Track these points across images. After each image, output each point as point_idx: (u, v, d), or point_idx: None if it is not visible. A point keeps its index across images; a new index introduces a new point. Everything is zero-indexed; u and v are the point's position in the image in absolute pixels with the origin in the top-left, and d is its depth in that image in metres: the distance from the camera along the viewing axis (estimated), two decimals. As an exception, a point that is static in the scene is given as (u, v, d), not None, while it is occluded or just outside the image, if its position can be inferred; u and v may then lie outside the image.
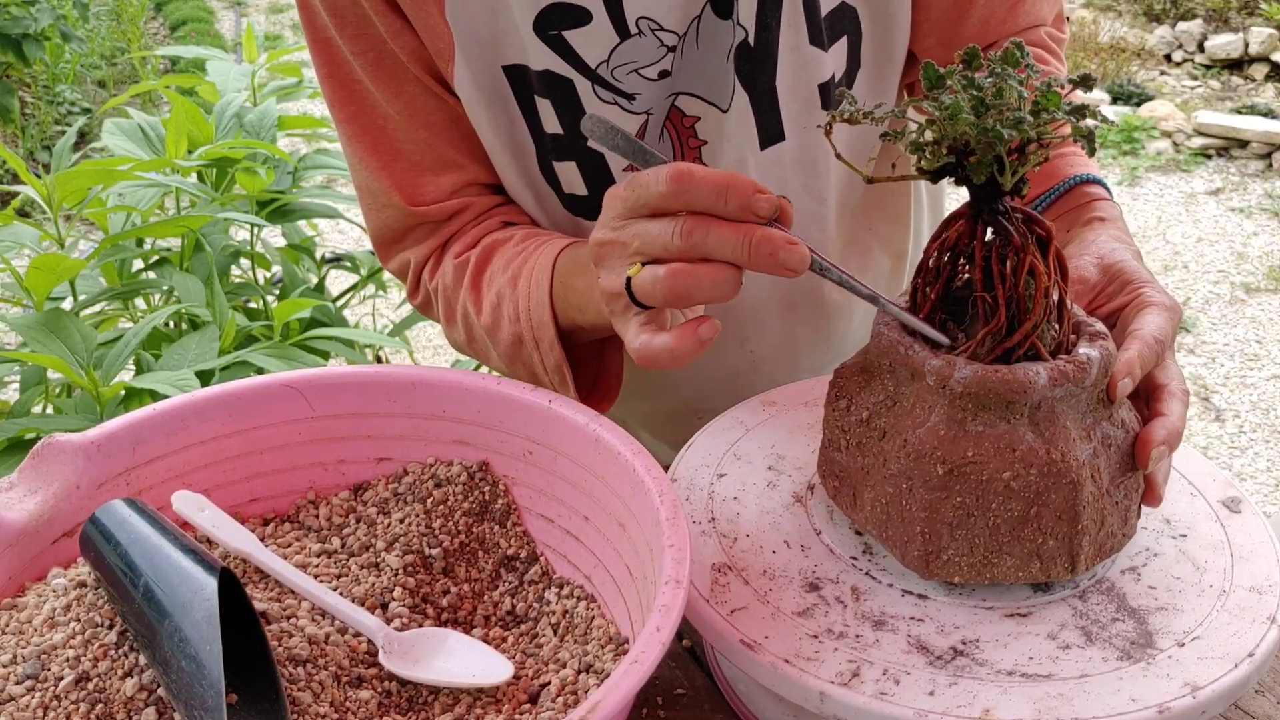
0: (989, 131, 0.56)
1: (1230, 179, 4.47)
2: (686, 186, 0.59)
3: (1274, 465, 2.83)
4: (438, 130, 0.82)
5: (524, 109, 0.81)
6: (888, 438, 0.62)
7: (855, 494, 0.65)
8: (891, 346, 0.62)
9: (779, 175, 0.85)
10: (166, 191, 1.77)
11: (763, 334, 0.93)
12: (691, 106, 0.81)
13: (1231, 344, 3.36)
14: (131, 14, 6.14)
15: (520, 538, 0.70)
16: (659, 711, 0.65)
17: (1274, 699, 0.66)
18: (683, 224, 0.59)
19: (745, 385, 0.95)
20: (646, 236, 0.61)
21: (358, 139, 0.83)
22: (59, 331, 1.42)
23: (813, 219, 0.89)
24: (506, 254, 0.81)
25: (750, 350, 0.94)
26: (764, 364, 0.95)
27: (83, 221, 1.86)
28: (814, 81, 0.81)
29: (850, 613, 0.62)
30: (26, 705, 0.54)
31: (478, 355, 0.87)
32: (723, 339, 0.90)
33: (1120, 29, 5.73)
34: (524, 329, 0.78)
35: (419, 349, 3.27)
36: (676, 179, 0.59)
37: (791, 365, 0.96)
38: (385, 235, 0.87)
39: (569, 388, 0.78)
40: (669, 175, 0.59)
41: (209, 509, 0.67)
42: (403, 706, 0.59)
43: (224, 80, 2.04)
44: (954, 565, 0.61)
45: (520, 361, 0.80)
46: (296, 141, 3.13)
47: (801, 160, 0.85)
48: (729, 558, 0.66)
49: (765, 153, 0.83)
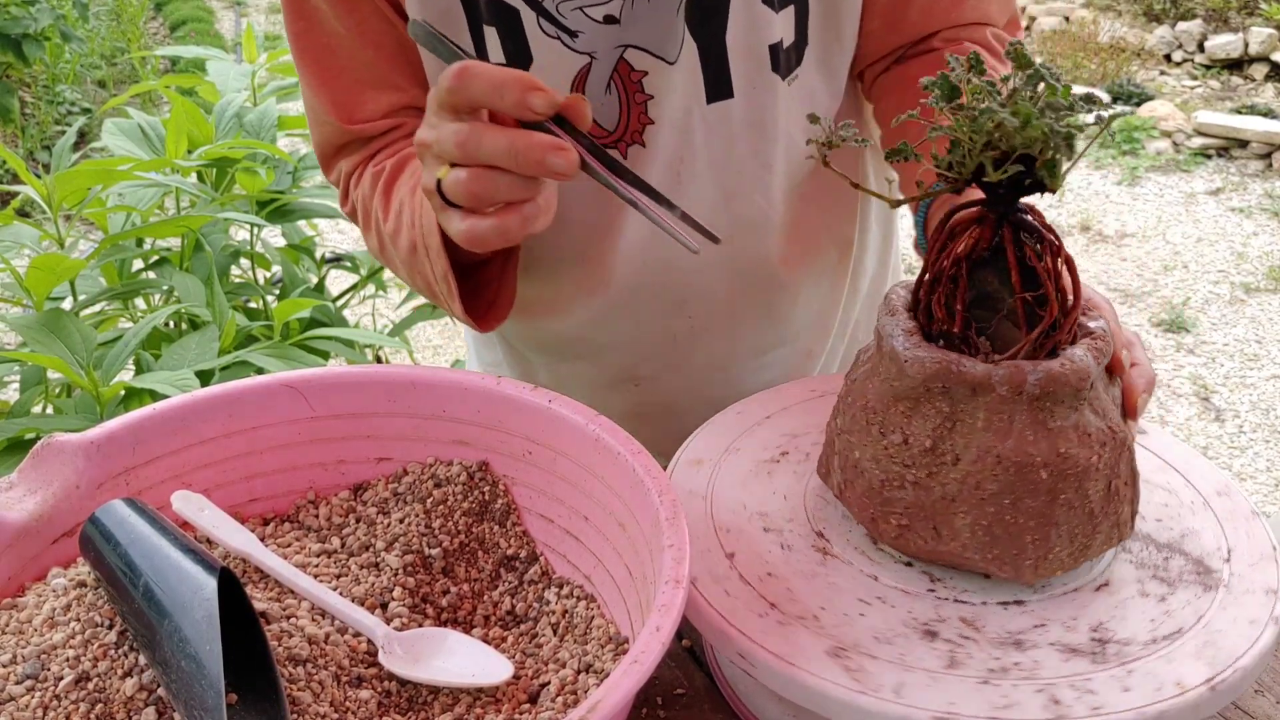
0: (1057, 133, 0.56)
1: (1230, 179, 4.47)
2: (467, 81, 0.63)
3: (1274, 465, 2.83)
4: (384, 52, 0.84)
5: (474, 36, 0.82)
6: (965, 461, 0.60)
7: (938, 527, 0.62)
8: (942, 370, 0.60)
9: (726, 133, 0.86)
10: (166, 191, 1.77)
11: (703, 299, 0.93)
12: (640, 60, 0.82)
13: (1231, 344, 3.36)
14: (131, 14, 6.14)
15: (520, 538, 0.70)
16: (659, 711, 0.65)
17: (1274, 699, 0.66)
18: (457, 134, 0.63)
19: (683, 354, 0.95)
20: (440, 140, 0.65)
21: (304, 55, 0.86)
22: (59, 331, 1.42)
23: (757, 185, 0.89)
24: (415, 165, 0.83)
25: (689, 316, 0.93)
26: (703, 333, 0.94)
27: (83, 221, 1.86)
28: (764, 41, 0.82)
29: (851, 612, 0.62)
30: (26, 705, 0.54)
31: (389, 264, 0.89)
32: (660, 301, 0.93)
33: (1120, 29, 5.73)
34: (417, 235, 0.80)
35: (419, 349, 3.28)
36: (457, 76, 0.63)
37: (731, 338, 0.96)
38: (325, 149, 0.91)
39: (454, 297, 0.80)
40: (452, 73, 0.63)
41: (209, 509, 0.67)
42: (402, 706, 0.59)
43: (224, 80, 2.05)
44: (1058, 561, 0.61)
45: (416, 270, 0.83)
46: (296, 141, 3.12)
47: (749, 121, 0.86)
48: (729, 557, 0.66)
49: (712, 107, 0.84)
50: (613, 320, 0.93)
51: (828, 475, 0.69)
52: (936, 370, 0.60)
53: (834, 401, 0.70)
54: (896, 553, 0.66)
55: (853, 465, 0.65)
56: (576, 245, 0.90)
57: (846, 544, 0.67)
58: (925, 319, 0.63)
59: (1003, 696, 0.56)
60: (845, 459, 0.65)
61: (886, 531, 0.64)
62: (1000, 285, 0.62)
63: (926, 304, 0.63)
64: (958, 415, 0.60)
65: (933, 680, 0.57)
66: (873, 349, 0.66)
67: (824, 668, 0.58)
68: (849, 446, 0.65)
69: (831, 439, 0.68)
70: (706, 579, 0.64)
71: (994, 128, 0.57)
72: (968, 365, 0.60)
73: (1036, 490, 0.60)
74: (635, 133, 0.84)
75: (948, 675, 0.57)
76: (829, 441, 0.69)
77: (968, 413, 0.60)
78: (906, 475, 0.62)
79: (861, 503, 0.65)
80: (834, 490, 0.68)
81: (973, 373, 0.59)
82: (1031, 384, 0.59)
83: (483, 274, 0.84)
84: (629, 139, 0.84)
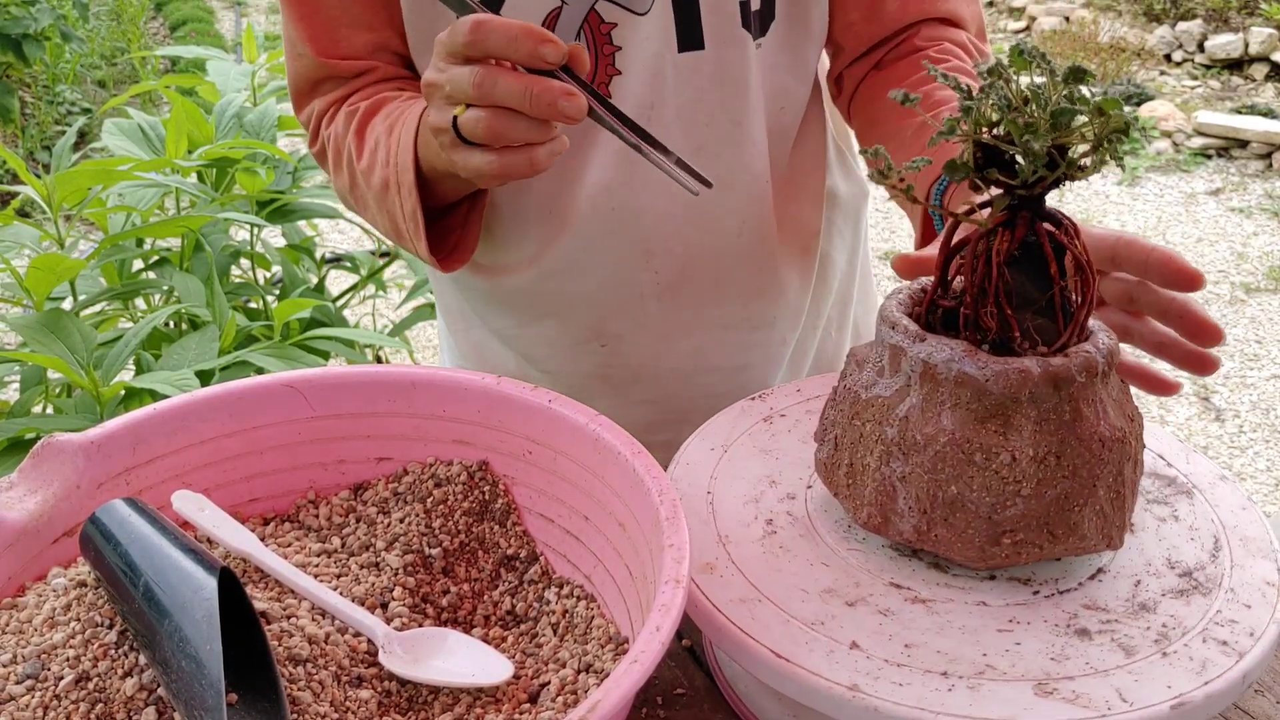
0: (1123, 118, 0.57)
1: (1230, 179, 4.47)
2: (484, 35, 0.67)
3: (1274, 465, 2.83)
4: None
5: None
6: (1068, 455, 0.60)
7: (1053, 529, 0.61)
8: (1027, 376, 0.59)
9: (697, 85, 0.87)
10: (166, 191, 1.77)
11: (668, 253, 0.93)
12: (610, 13, 0.83)
13: (1231, 344, 3.36)
14: (131, 14, 6.14)
15: (520, 537, 0.70)
16: (659, 711, 0.65)
17: (1274, 699, 0.66)
18: (474, 75, 0.68)
19: (650, 313, 0.95)
20: (455, 82, 0.69)
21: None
22: (59, 331, 1.42)
23: (726, 141, 0.89)
24: (391, 105, 0.87)
25: (655, 270, 0.93)
26: (668, 292, 0.94)
27: (83, 221, 1.86)
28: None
29: (852, 611, 0.62)
30: (26, 705, 0.54)
31: (358, 203, 0.91)
32: (627, 249, 0.93)
33: (1120, 29, 5.73)
34: (390, 173, 0.82)
35: (419, 349, 3.27)
36: (475, 28, 0.67)
37: (696, 304, 0.95)
38: (299, 84, 0.93)
39: (420, 236, 0.83)
40: (470, 24, 0.67)
41: (209, 509, 0.67)
42: (403, 706, 0.59)
43: (224, 80, 2.05)
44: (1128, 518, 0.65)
45: (385, 207, 0.85)
46: (296, 141, 3.13)
47: (719, 77, 0.87)
48: (729, 557, 0.66)
49: (683, 56, 0.85)
50: (578, 268, 0.93)
51: (885, 525, 0.64)
52: (1021, 379, 0.59)
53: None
54: (897, 551, 0.66)
55: (947, 503, 0.62)
56: (544, 189, 0.91)
57: (847, 543, 0.67)
58: (974, 332, 0.62)
59: (1003, 697, 0.56)
60: (932, 500, 0.62)
61: (997, 555, 0.62)
62: (1030, 282, 0.62)
63: (974, 317, 0.62)
64: (1045, 415, 0.60)
65: (934, 681, 0.57)
66: (887, 387, 0.64)
67: (824, 667, 0.58)
68: (936, 485, 0.61)
69: (888, 486, 0.63)
70: (706, 578, 0.64)
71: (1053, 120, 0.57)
72: (1052, 363, 0.60)
73: (1130, 457, 0.63)
74: (601, 84, 0.86)
75: (950, 676, 0.57)
76: (884, 490, 0.64)
77: (1054, 409, 0.60)
78: (1020, 490, 0.61)
79: (965, 538, 0.62)
80: (904, 536, 0.64)
81: (1055, 368, 0.60)
82: (1101, 363, 0.61)
83: (449, 219, 0.87)
84: (594, 88, 0.86)
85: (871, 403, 0.65)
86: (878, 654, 0.59)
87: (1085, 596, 0.63)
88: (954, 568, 0.65)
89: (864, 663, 0.58)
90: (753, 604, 0.62)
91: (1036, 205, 0.61)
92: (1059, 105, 0.57)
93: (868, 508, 0.65)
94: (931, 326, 0.65)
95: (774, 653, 0.58)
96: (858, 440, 0.65)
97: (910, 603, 0.63)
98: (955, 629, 0.61)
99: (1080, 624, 0.61)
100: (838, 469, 0.67)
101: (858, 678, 0.57)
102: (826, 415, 0.69)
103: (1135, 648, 0.59)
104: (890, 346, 0.64)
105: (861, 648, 0.59)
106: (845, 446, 0.66)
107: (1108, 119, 0.56)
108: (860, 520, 0.66)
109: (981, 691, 0.56)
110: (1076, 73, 0.57)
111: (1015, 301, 0.62)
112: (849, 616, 0.61)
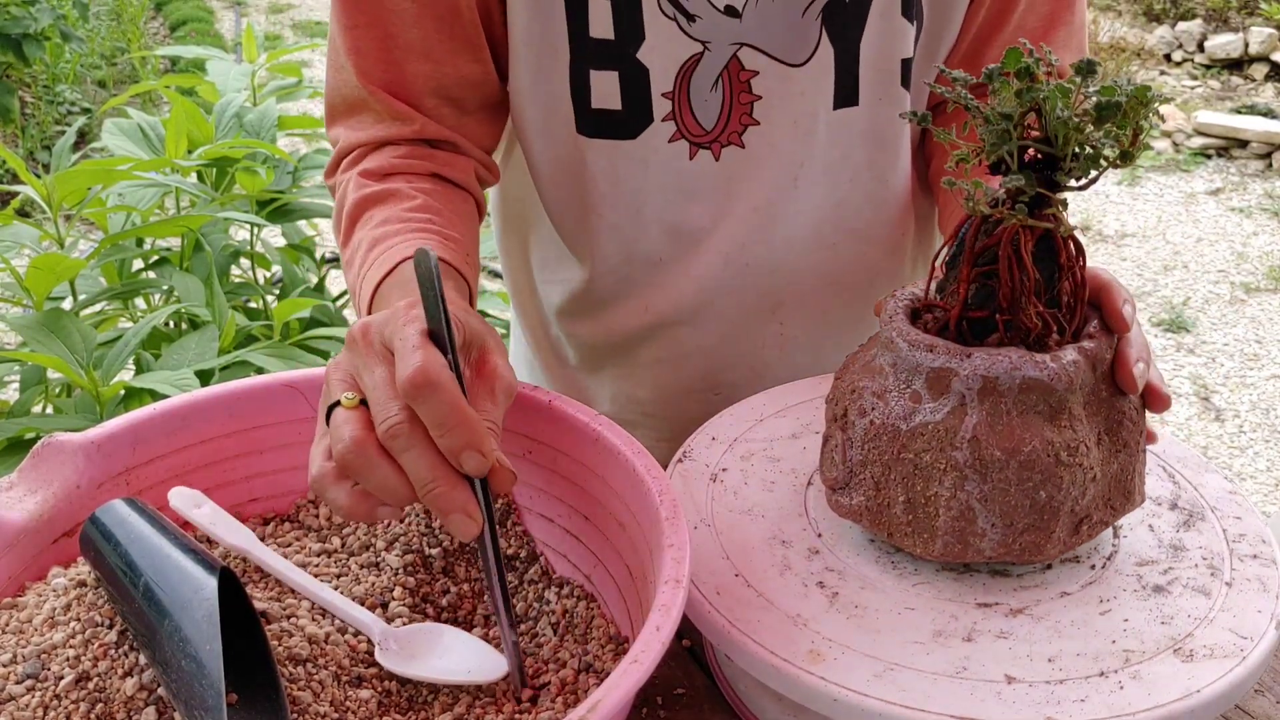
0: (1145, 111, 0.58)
1: (1230, 179, 4.47)
2: (426, 396, 0.55)
3: (1274, 465, 2.83)
4: (442, 22, 0.79)
5: (570, 8, 0.78)
6: (1114, 429, 0.63)
7: (1120, 496, 0.65)
8: (1077, 369, 0.60)
9: (846, 141, 0.84)
10: (166, 191, 1.77)
11: (798, 305, 0.90)
12: (752, 60, 0.80)
13: (1231, 344, 3.36)
14: (131, 14, 6.14)
15: (520, 537, 0.70)
16: (659, 711, 0.65)
17: (1274, 699, 0.66)
18: (395, 424, 0.55)
19: (768, 363, 0.93)
20: (374, 392, 0.57)
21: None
22: (59, 331, 1.42)
23: (868, 197, 0.87)
24: (389, 211, 0.78)
25: (780, 322, 0.91)
26: (790, 343, 0.92)
27: (83, 221, 1.87)
28: (898, 54, 0.81)
29: (852, 611, 0.62)
30: (26, 705, 0.54)
31: (345, 265, 0.82)
32: (756, 303, 0.90)
33: (1120, 29, 5.73)
34: (353, 284, 0.76)
35: (419, 349, 3.27)
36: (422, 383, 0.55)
37: (816, 352, 0.93)
38: (335, 101, 0.84)
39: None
40: (412, 371, 0.55)
41: (206, 504, 0.67)
42: (402, 706, 0.59)
43: (224, 80, 2.05)
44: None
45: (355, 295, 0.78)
46: (296, 141, 3.13)
47: (871, 133, 0.84)
48: (729, 556, 0.66)
49: (837, 113, 0.83)
50: (700, 319, 0.91)
51: (964, 550, 0.62)
52: (1076, 370, 0.61)
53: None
54: (896, 551, 0.66)
55: (1036, 509, 0.61)
56: (672, 247, 0.88)
57: (847, 543, 0.67)
58: (1021, 335, 0.62)
59: (1003, 700, 0.56)
60: (1018, 511, 0.61)
61: (1074, 543, 0.63)
62: (1040, 273, 0.62)
63: (1013, 319, 0.62)
64: (1088, 399, 0.62)
65: (935, 681, 0.57)
66: (934, 412, 0.61)
67: (824, 668, 0.57)
68: (1024, 494, 0.60)
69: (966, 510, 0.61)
70: (706, 578, 0.64)
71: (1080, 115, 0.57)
72: (1088, 348, 0.62)
73: (1143, 418, 0.66)
74: (734, 134, 0.83)
75: (950, 676, 0.57)
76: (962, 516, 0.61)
77: (1094, 390, 0.62)
78: (1094, 475, 0.62)
79: (1052, 538, 0.62)
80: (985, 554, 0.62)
81: (1092, 351, 0.62)
82: (1111, 340, 0.63)
83: None
84: (725, 139, 0.83)
85: (920, 432, 0.61)
86: (873, 652, 0.59)
87: (1084, 601, 0.63)
88: (959, 574, 0.65)
89: (859, 660, 0.58)
90: (750, 602, 0.62)
91: (1044, 201, 0.61)
92: (1100, 99, 0.57)
93: (943, 538, 0.62)
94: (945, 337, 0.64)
95: (775, 654, 0.58)
96: (912, 474, 0.62)
97: (904, 599, 0.63)
98: (945, 625, 0.61)
99: (1077, 630, 0.61)
100: (888, 509, 0.63)
101: (852, 676, 0.57)
102: (847, 458, 0.65)
103: (1130, 652, 0.59)
104: (930, 370, 0.61)
105: (857, 646, 0.59)
106: (894, 484, 0.63)
107: (1146, 104, 0.57)
108: (933, 554, 0.63)
109: (971, 689, 0.56)
110: (1088, 66, 0.57)
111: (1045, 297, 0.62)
112: (850, 617, 0.61)
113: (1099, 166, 0.59)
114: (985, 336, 0.63)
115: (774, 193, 0.85)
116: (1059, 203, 0.61)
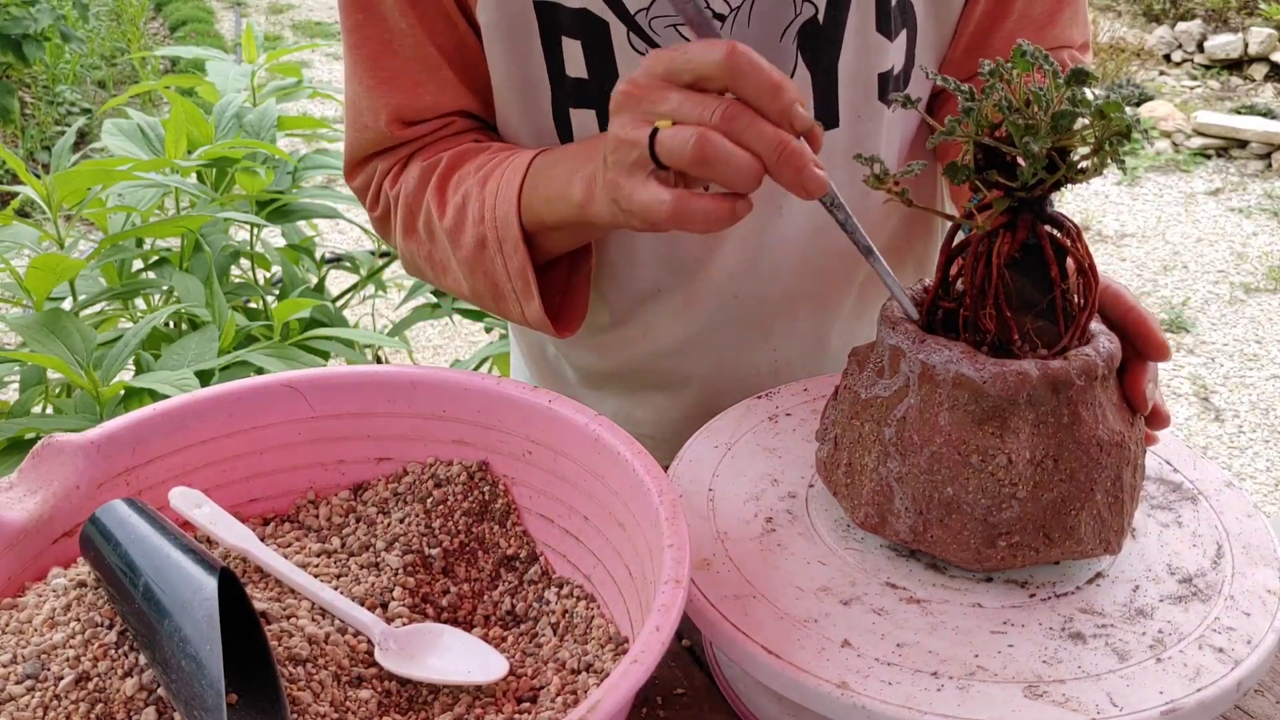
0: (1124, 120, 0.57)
1: (1230, 179, 4.47)
2: (742, 68, 0.59)
3: (1274, 465, 2.83)
4: (444, 53, 0.80)
5: (547, 49, 0.78)
6: (1066, 458, 0.60)
7: (1049, 533, 0.61)
8: (1025, 379, 0.59)
9: (828, 164, 0.83)
10: (166, 191, 1.77)
11: (789, 333, 0.91)
12: None
13: (1231, 344, 3.36)
14: (131, 14, 6.14)
15: (520, 537, 0.70)
16: (659, 711, 0.65)
17: (1274, 699, 0.66)
18: (728, 106, 0.59)
19: (765, 387, 0.91)
20: (685, 103, 0.60)
21: (359, 50, 0.81)
22: (59, 331, 1.42)
23: (853, 212, 0.87)
24: (481, 159, 0.80)
25: (774, 349, 0.92)
26: (784, 369, 0.93)
27: (82, 221, 1.87)
28: (875, 70, 0.80)
29: (851, 611, 0.62)
30: (26, 705, 0.54)
31: (435, 270, 0.84)
32: (749, 332, 0.90)
33: (1120, 29, 5.73)
34: (488, 229, 0.76)
35: (419, 349, 3.27)
36: (733, 55, 0.59)
37: (811, 374, 0.93)
38: (357, 155, 0.86)
39: (533, 295, 0.77)
40: (726, 49, 0.59)
41: (206, 504, 0.67)
42: (402, 706, 0.59)
43: (224, 80, 2.05)
44: (1129, 520, 0.65)
45: (482, 270, 0.78)
46: (296, 141, 3.13)
47: (852, 151, 0.84)
48: (729, 557, 0.66)
49: None
50: (694, 347, 0.91)
51: (882, 525, 0.64)
52: (1019, 381, 0.59)
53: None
54: (894, 551, 0.66)
55: (943, 505, 0.61)
56: (664, 276, 0.88)
57: (845, 542, 0.68)
58: (974, 334, 0.62)
59: (991, 698, 0.56)
60: (928, 501, 0.62)
61: (992, 557, 0.62)
62: (1031, 285, 0.62)
63: (974, 319, 0.62)
64: (1043, 418, 0.60)
65: (924, 680, 0.57)
66: (886, 388, 0.64)
67: (824, 668, 0.58)
68: (933, 486, 0.62)
69: (885, 486, 0.64)
70: (703, 574, 0.64)
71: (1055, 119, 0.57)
72: (1050, 366, 0.60)
73: (1129, 461, 0.62)
74: None
75: (941, 676, 0.57)
76: (881, 490, 0.64)
77: (1053, 412, 0.60)
78: (1016, 493, 0.60)
79: (961, 540, 0.62)
80: (901, 536, 0.64)
81: (1053, 371, 0.60)
82: (1101, 367, 0.61)
83: (549, 278, 0.80)
84: None
85: (871, 403, 0.65)
86: (869, 652, 0.59)
87: (1082, 600, 0.63)
88: (951, 569, 0.65)
89: (854, 661, 0.58)
90: (747, 600, 0.62)
91: (1038, 207, 0.61)
92: (1060, 108, 0.57)
93: (865, 507, 0.65)
94: (932, 328, 0.65)
95: (765, 649, 0.58)
96: (856, 440, 0.65)
97: (905, 603, 0.63)
98: (949, 629, 0.61)
99: (1075, 628, 0.61)
100: (837, 468, 0.67)
101: (847, 675, 0.57)
102: (827, 414, 0.70)
103: (1129, 653, 0.59)
104: (890, 347, 0.64)
105: (853, 645, 0.59)
106: (844, 446, 0.66)
107: (1109, 122, 0.56)
108: (857, 520, 0.66)
109: (971, 692, 0.56)
110: (1079, 75, 0.57)
111: (1016, 304, 0.62)
112: (842, 615, 0.62)
113: (1050, 174, 0.58)
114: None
115: (760, 221, 0.84)
116: (1034, 220, 0.61)
